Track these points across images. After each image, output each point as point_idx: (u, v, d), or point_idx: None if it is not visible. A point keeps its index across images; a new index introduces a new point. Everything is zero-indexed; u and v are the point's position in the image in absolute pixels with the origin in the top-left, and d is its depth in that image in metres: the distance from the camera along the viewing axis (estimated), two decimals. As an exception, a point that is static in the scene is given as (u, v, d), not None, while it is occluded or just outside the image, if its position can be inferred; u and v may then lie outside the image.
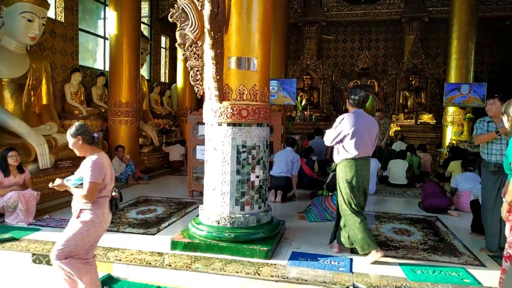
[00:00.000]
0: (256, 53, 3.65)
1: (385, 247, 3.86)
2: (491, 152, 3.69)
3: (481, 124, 3.81)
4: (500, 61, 13.36)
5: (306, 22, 13.82)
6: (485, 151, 3.76)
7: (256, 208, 3.73)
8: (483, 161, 3.79)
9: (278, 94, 11.34)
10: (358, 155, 3.41)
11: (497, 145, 3.63)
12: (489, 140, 3.68)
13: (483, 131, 3.77)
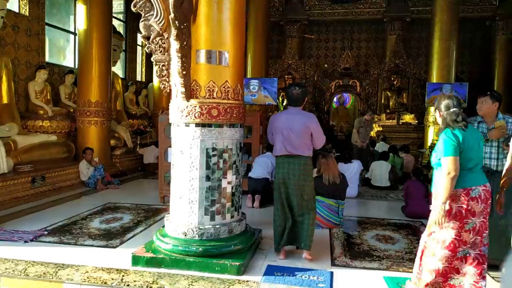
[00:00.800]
0: (228, 46, 3.30)
1: (368, 257, 3.59)
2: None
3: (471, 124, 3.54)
4: (479, 63, 13.40)
5: (287, 20, 13.56)
6: None
7: (228, 217, 3.39)
8: None
9: (258, 94, 11.00)
10: (280, 152, 3.40)
11: (487, 148, 3.35)
12: None
13: None
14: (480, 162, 2.70)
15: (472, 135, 2.63)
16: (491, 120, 3.34)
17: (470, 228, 2.59)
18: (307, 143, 3.41)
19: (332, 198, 4.44)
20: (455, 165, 2.51)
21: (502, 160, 3.26)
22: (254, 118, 6.03)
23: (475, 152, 2.62)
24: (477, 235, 2.61)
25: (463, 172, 2.57)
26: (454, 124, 2.58)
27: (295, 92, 3.42)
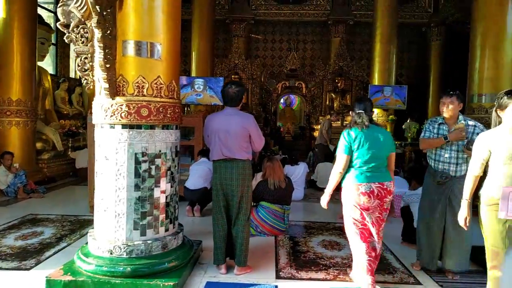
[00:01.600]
0: (161, 37, 2.93)
1: (315, 266, 3.39)
2: (438, 159, 3.18)
3: (431, 125, 3.25)
4: (417, 67, 14.08)
5: (234, 19, 13.29)
6: (432, 157, 3.24)
7: (162, 231, 3.01)
8: (429, 168, 3.29)
9: (204, 94, 10.63)
10: (217, 157, 3.12)
11: (446, 152, 3.12)
12: (437, 146, 3.16)
13: (432, 134, 3.22)
14: (377, 160, 2.83)
15: (371, 135, 2.84)
16: (453, 122, 3.13)
17: (371, 221, 2.87)
18: (245, 146, 3.13)
19: (278, 203, 4.21)
20: (343, 162, 2.86)
21: (461, 166, 3.09)
22: (197, 119, 5.69)
23: (372, 151, 2.81)
24: (373, 224, 2.89)
25: (353, 169, 2.86)
26: (353, 125, 2.87)
27: (232, 91, 3.13)
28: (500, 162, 2.27)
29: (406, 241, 4.06)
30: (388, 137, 2.92)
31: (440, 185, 3.14)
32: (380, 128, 2.97)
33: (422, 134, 3.29)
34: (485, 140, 2.38)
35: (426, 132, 3.25)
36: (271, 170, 4.30)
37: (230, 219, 3.18)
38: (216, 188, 3.15)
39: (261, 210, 4.17)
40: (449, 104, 3.09)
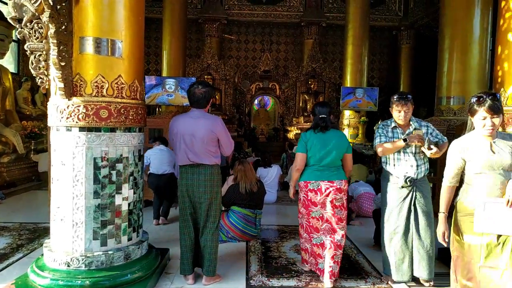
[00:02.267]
0: (122, 34, 2.75)
1: (286, 273, 3.29)
2: (398, 163, 2.98)
3: (384, 130, 3.05)
4: (387, 69, 14.35)
5: (206, 19, 13.10)
6: (390, 162, 3.02)
7: (125, 240, 2.83)
8: (387, 174, 3.04)
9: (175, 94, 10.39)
10: (182, 162, 2.94)
11: (405, 155, 2.96)
12: (396, 150, 2.96)
13: (387, 139, 3.01)
14: (328, 160, 3.08)
15: (319, 138, 3.11)
16: (406, 124, 3.02)
17: (317, 216, 3.10)
18: (213, 150, 2.97)
19: (249, 208, 4.09)
20: (300, 160, 3.15)
21: (421, 167, 2.96)
22: (166, 120, 5.48)
23: (320, 153, 3.09)
24: (327, 223, 3.10)
25: (307, 167, 3.17)
26: (315, 127, 3.16)
27: (198, 92, 2.94)
28: (475, 170, 2.15)
29: (378, 244, 4.03)
30: (342, 140, 3.18)
31: (404, 189, 2.94)
32: (336, 131, 3.23)
33: (377, 140, 3.03)
34: (458, 148, 2.24)
35: (381, 137, 3.02)
36: (242, 174, 4.18)
37: (198, 227, 3.02)
38: (182, 195, 2.98)
39: (232, 215, 4.04)
40: (406, 111, 2.93)
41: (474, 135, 2.21)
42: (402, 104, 2.93)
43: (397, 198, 2.97)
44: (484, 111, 2.07)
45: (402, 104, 2.92)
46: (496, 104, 2.07)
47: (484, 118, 2.09)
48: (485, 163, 2.11)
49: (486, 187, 2.11)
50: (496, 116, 2.07)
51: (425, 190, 2.99)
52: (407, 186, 2.92)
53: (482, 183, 2.13)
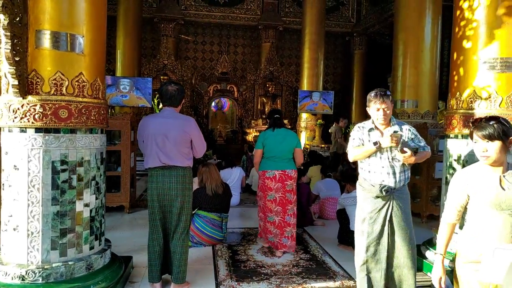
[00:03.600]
0: (84, 29, 2.58)
1: (256, 276, 3.25)
2: (374, 170, 2.62)
3: (359, 132, 2.68)
4: (341, 74, 14.83)
5: (162, 18, 12.75)
6: (365, 168, 2.68)
7: (86, 249, 2.64)
8: (362, 181, 2.70)
9: (130, 95, 10.03)
10: (153, 164, 2.81)
11: (384, 161, 2.60)
12: (369, 155, 2.61)
13: (362, 142, 2.66)
14: (279, 154, 3.77)
15: (274, 136, 3.81)
16: (386, 126, 2.65)
17: (272, 199, 3.78)
18: (186, 151, 2.88)
19: (215, 212, 4.01)
20: (258, 155, 3.87)
21: (400, 175, 2.59)
22: (124, 122, 5.24)
23: (274, 148, 3.77)
24: (278, 205, 3.77)
25: (265, 159, 3.84)
26: (270, 127, 3.89)
27: (171, 89, 2.85)
28: (480, 209, 1.82)
29: (342, 244, 4.12)
30: (292, 137, 3.89)
31: (379, 199, 2.59)
32: (287, 130, 3.97)
33: (351, 143, 2.71)
34: (463, 180, 1.89)
35: (355, 140, 2.68)
36: (208, 175, 4.09)
37: (167, 232, 2.90)
38: (152, 199, 2.84)
39: (198, 220, 3.93)
40: (385, 108, 2.57)
41: (480, 165, 1.88)
42: (381, 100, 2.56)
43: (371, 209, 2.61)
44: (477, 135, 1.80)
45: (382, 101, 2.56)
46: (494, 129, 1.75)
47: (475, 142, 1.82)
48: (493, 201, 1.76)
49: (495, 230, 1.77)
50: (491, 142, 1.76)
51: (404, 202, 2.63)
52: (382, 196, 2.56)
53: (489, 225, 1.78)
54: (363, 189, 2.68)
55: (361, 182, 2.73)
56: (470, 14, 3.25)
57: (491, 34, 3.11)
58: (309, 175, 6.71)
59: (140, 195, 6.41)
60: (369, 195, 2.63)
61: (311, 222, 4.95)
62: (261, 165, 3.87)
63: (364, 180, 2.69)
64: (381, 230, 2.60)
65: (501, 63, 3.08)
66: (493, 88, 3.10)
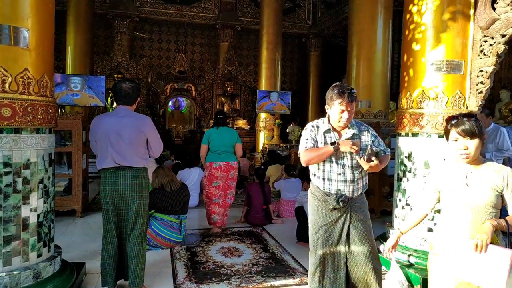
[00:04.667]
0: (29, 22, 2.41)
1: (215, 277, 3.22)
2: (329, 177, 2.31)
3: (313, 132, 2.36)
4: (298, 74, 15.10)
5: (116, 15, 12.29)
6: (319, 175, 2.35)
7: (34, 257, 2.47)
8: (315, 189, 2.40)
9: (82, 93, 9.53)
10: (107, 164, 2.71)
11: (340, 167, 2.30)
12: (325, 159, 2.29)
13: (315, 144, 2.34)
14: (222, 149, 4.54)
15: (217, 133, 4.57)
16: (344, 127, 2.36)
17: (216, 185, 4.56)
18: (142, 152, 2.79)
19: (173, 214, 3.91)
20: (203, 150, 4.61)
21: (357, 183, 2.35)
22: (75, 122, 4.99)
23: (218, 143, 4.54)
24: (221, 190, 4.57)
25: (211, 153, 4.57)
26: (214, 125, 4.69)
27: (126, 87, 2.76)
28: (450, 205, 1.85)
29: (301, 241, 4.18)
30: (232, 134, 4.64)
31: (335, 210, 2.30)
32: (229, 128, 4.74)
33: (303, 145, 2.34)
34: (436, 177, 1.96)
35: (309, 141, 2.33)
36: (164, 175, 4.00)
37: (123, 235, 2.79)
38: (106, 201, 2.72)
39: (155, 223, 3.82)
40: (350, 111, 2.26)
41: (448, 162, 1.91)
42: (348, 101, 2.22)
43: (325, 222, 2.33)
44: (457, 133, 1.80)
45: (348, 102, 2.22)
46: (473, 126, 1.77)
47: (455, 140, 1.81)
48: (459, 198, 1.80)
49: (465, 226, 1.78)
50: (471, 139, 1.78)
51: (362, 211, 2.38)
52: (339, 208, 2.28)
53: (460, 221, 1.80)
54: (316, 199, 2.37)
55: (313, 191, 2.40)
56: (419, 18, 3.42)
57: (437, 38, 3.30)
58: (268, 174, 6.77)
59: (93, 198, 6.13)
60: (323, 205, 2.32)
61: (270, 220, 4.98)
62: (207, 158, 4.60)
63: (317, 189, 2.36)
64: (337, 245, 2.32)
65: (447, 65, 3.27)
66: (440, 88, 3.28)
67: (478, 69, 3.20)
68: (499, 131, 4.51)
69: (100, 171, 2.77)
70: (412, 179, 3.39)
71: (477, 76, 3.20)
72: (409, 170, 3.40)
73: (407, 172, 3.43)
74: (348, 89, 2.27)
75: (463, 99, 3.24)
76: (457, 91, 3.24)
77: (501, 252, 1.65)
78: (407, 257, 3.28)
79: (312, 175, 2.44)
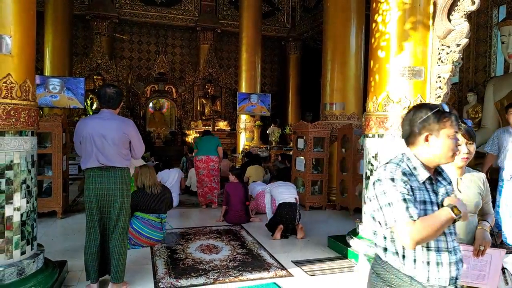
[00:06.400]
0: (11, 29, 2.52)
1: (194, 272, 3.37)
2: (439, 259, 1.39)
3: (408, 186, 1.39)
4: (278, 77, 15.36)
5: (95, 16, 12.25)
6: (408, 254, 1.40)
7: (17, 255, 2.58)
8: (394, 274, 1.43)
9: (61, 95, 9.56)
10: (91, 164, 2.84)
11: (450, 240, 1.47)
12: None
13: (416, 205, 1.37)
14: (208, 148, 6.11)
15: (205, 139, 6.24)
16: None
17: (202, 174, 6.08)
18: (125, 152, 2.93)
19: (154, 213, 4.04)
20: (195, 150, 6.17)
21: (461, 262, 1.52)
22: (55, 124, 5.03)
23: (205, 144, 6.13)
24: (206, 177, 6.06)
25: (198, 152, 6.11)
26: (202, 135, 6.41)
27: (110, 91, 2.90)
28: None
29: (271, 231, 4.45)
30: (215, 140, 6.27)
31: None
32: (213, 136, 6.45)
33: (402, 213, 1.32)
34: None
35: (410, 207, 1.34)
36: (147, 175, 4.13)
37: (106, 233, 2.91)
38: (89, 200, 2.84)
39: (136, 222, 3.94)
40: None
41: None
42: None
43: None
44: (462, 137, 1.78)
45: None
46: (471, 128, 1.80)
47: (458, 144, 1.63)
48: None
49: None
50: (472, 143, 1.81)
51: None
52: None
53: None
54: None
55: (384, 275, 1.47)
56: (384, 27, 3.67)
57: (400, 45, 3.55)
58: (248, 174, 6.95)
59: (73, 199, 6.17)
60: None
61: (248, 219, 5.16)
62: (194, 155, 6.25)
63: (402, 277, 1.42)
64: None
65: (409, 71, 3.52)
66: (403, 93, 3.54)
67: (437, 75, 3.47)
68: None
69: (85, 171, 2.90)
70: (378, 177, 3.62)
71: (436, 82, 3.47)
72: (375, 169, 3.64)
73: (373, 171, 3.67)
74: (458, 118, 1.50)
75: (424, 103, 3.51)
76: (418, 96, 3.49)
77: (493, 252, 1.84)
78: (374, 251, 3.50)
79: (383, 250, 1.49)
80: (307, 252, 4.01)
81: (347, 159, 5.79)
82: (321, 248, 4.14)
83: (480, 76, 7.92)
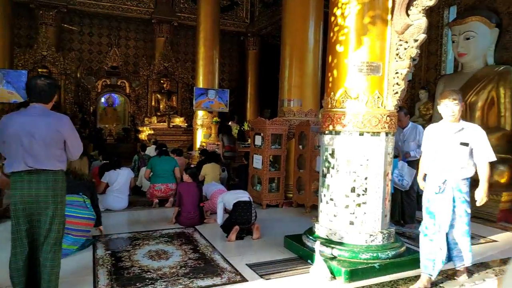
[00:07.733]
0: None
1: (140, 282, 3.08)
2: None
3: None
4: (237, 72, 15.14)
5: (40, 4, 11.39)
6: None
7: None
8: None
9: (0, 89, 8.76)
10: (18, 168, 2.45)
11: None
12: None
13: None
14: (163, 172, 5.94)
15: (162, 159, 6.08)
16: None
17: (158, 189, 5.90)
18: (59, 153, 2.56)
19: (73, 193, 3.72)
20: (146, 174, 6.01)
21: None
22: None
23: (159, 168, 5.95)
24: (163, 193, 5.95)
25: (153, 176, 5.95)
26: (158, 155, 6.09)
27: (42, 83, 2.52)
28: None
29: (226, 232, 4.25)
30: (173, 162, 6.19)
31: None
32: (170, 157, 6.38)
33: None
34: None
35: None
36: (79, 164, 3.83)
37: (35, 244, 2.54)
38: (16, 208, 2.46)
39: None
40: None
41: None
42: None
43: None
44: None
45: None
46: None
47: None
48: None
49: None
50: None
51: None
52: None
53: None
54: None
55: None
56: (342, 21, 3.55)
57: (359, 40, 3.45)
58: (203, 173, 6.66)
59: (8, 205, 5.59)
60: None
61: (202, 220, 4.90)
62: (151, 179, 6.01)
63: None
64: None
65: (367, 67, 3.43)
66: (361, 88, 3.44)
67: (394, 71, 3.40)
68: (416, 129, 4.84)
69: (10, 175, 2.51)
70: (335, 175, 3.51)
71: (393, 78, 3.41)
72: (332, 166, 3.53)
73: (330, 168, 3.55)
74: None
75: (382, 99, 3.43)
76: (376, 92, 3.42)
77: None
78: (330, 251, 3.39)
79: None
80: (263, 253, 3.83)
81: (304, 156, 5.70)
82: (277, 248, 3.98)
83: (431, 74, 8.16)
